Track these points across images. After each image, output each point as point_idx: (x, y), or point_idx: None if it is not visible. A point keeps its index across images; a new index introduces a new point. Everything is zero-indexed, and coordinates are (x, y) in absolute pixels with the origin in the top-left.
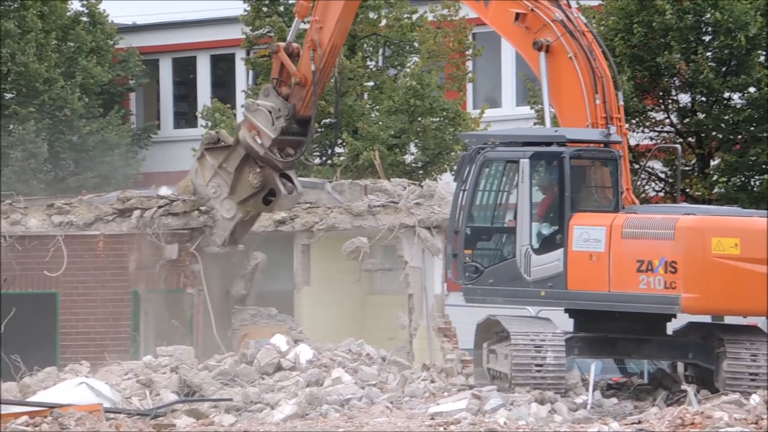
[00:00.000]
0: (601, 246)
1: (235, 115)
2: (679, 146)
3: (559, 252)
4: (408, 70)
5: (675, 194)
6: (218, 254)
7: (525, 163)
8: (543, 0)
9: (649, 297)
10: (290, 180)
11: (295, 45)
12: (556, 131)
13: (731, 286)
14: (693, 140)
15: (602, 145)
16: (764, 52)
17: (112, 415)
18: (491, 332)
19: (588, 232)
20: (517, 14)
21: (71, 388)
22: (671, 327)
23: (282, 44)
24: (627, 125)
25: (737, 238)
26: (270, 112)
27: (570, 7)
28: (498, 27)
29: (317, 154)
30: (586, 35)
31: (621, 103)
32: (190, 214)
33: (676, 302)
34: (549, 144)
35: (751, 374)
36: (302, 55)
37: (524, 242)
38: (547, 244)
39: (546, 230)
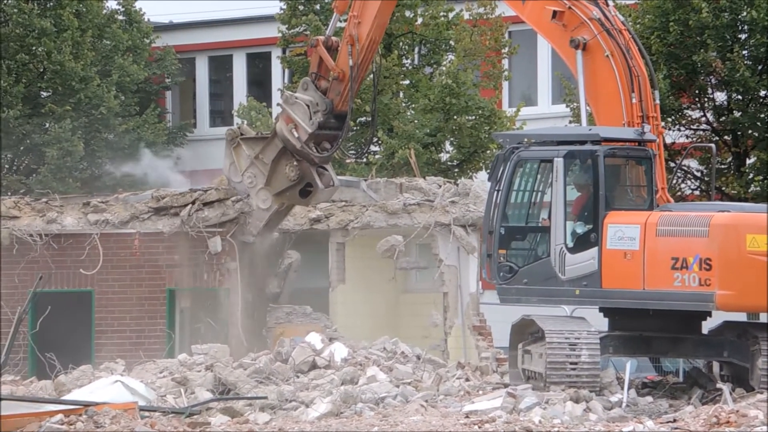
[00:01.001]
0: (635, 244)
1: (271, 113)
2: (714, 145)
3: (594, 250)
4: (444, 68)
5: (710, 192)
6: (253, 245)
7: (559, 162)
8: None
9: (683, 294)
10: (327, 173)
11: (334, 39)
12: (590, 130)
13: (765, 282)
14: (729, 138)
15: (636, 143)
16: None
17: (147, 414)
18: (526, 333)
19: (622, 230)
20: (555, 12)
21: (106, 387)
22: (707, 326)
23: (321, 38)
24: (663, 123)
25: None
26: (308, 106)
27: (607, 5)
28: (535, 24)
29: (353, 152)
30: (623, 33)
31: (657, 101)
32: (224, 203)
33: (710, 299)
34: (583, 143)
35: None
36: (340, 50)
37: (559, 241)
38: (581, 243)
39: (580, 229)
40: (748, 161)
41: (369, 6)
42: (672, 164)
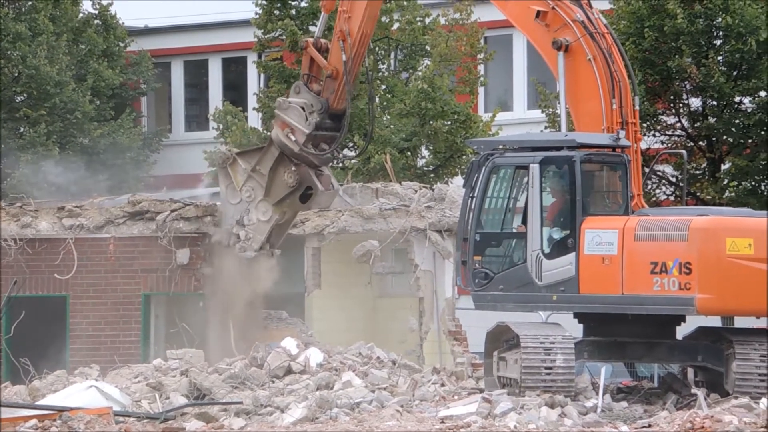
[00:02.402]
0: (613, 249)
1: (246, 118)
2: (684, 151)
3: (571, 256)
4: (420, 73)
5: (682, 198)
6: (250, 259)
7: (535, 168)
8: None
9: (663, 298)
10: (326, 175)
11: (323, 41)
12: (566, 135)
13: (746, 286)
14: (704, 144)
15: (611, 149)
16: None
17: (121, 419)
18: (501, 340)
19: (600, 235)
20: (538, 12)
21: (81, 392)
22: (681, 332)
23: (310, 39)
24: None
25: (751, 239)
26: (303, 109)
27: (591, 8)
28: (518, 23)
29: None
30: (606, 37)
31: (637, 107)
32: (201, 219)
33: (691, 303)
34: (559, 148)
35: (760, 375)
36: (332, 47)
37: (535, 247)
38: (558, 249)
39: (557, 235)
40: (723, 167)
41: (358, 1)
42: (647, 170)
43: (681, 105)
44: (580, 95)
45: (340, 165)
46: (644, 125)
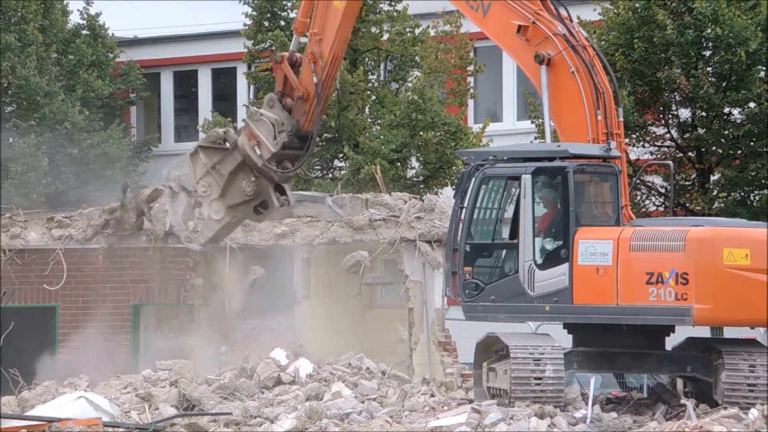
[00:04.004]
0: (608, 259)
1: (236, 128)
2: (671, 162)
3: (564, 267)
4: (410, 84)
5: (670, 209)
6: (202, 253)
7: (527, 179)
8: (544, 13)
9: (659, 309)
10: (284, 192)
11: (298, 55)
12: (558, 146)
13: (743, 296)
14: (693, 155)
15: (602, 160)
16: (764, 68)
17: (110, 429)
18: (490, 351)
19: (594, 246)
20: (519, 27)
21: (70, 402)
22: (671, 343)
23: (286, 54)
24: (627, 140)
25: (747, 249)
26: (273, 125)
27: (571, 21)
28: (498, 39)
29: (318, 167)
30: (588, 50)
31: (621, 118)
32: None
33: (688, 313)
34: (551, 159)
35: (749, 385)
36: (303, 69)
37: (527, 258)
38: (551, 259)
39: (549, 245)
40: (713, 178)
41: (330, 22)
42: (638, 181)
43: (670, 116)
44: (564, 108)
45: (330, 176)
46: (634, 136)
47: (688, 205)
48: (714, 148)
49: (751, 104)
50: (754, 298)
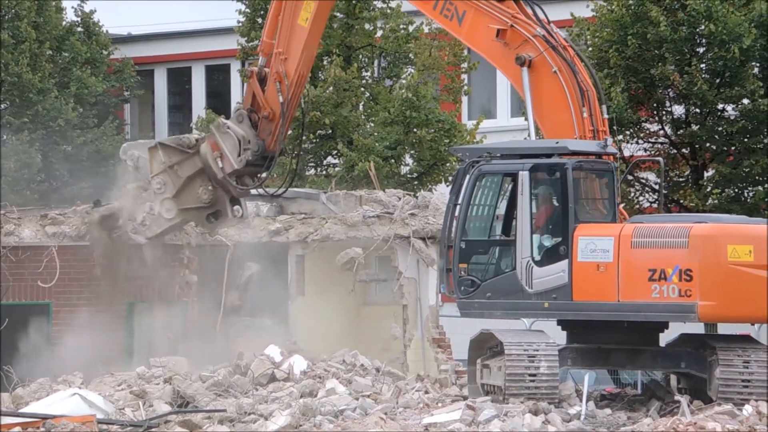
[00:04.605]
0: (608, 256)
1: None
2: (661, 159)
3: (564, 263)
4: (404, 81)
5: (661, 205)
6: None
7: (524, 175)
8: (521, 15)
9: (662, 306)
10: (239, 204)
11: (266, 70)
12: (557, 143)
13: (746, 293)
14: (687, 151)
15: (598, 156)
16: (758, 64)
17: (105, 426)
18: (484, 348)
19: (594, 242)
20: (498, 31)
21: (64, 399)
22: (664, 339)
23: (255, 69)
24: (621, 136)
25: (751, 245)
26: (239, 141)
27: (549, 22)
28: (474, 44)
29: (312, 164)
30: (568, 50)
31: (606, 116)
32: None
33: (692, 310)
34: (549, 156)
35: (743, 381)
36: (268, 89)
37: (525, 254)
38: (549, 256)
39: (548, 242)
40: (706, 174)
41: (294, 41)
42: (630, 177)
43: (664, 112)
44: (548, 108)
45: (324, 173)
46: (627, 133)
47: (682, 201)
48: (708, 144)
49: (745, 101)
50: (757, 295)
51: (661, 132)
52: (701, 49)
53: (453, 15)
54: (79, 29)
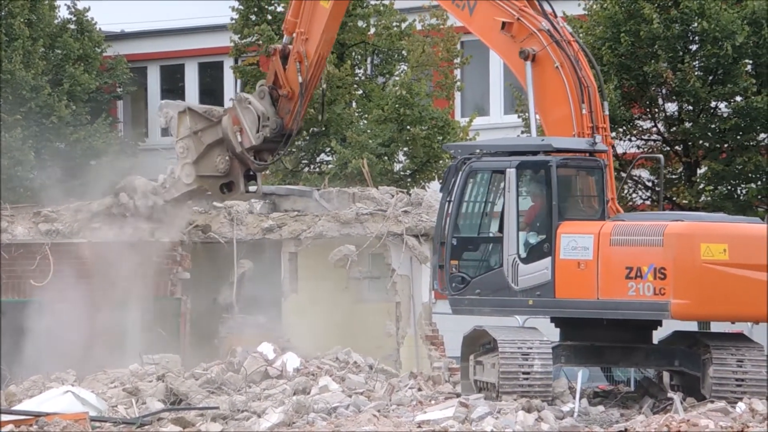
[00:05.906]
0: (589, 254)
1: None
2: (662, 156)
3: (547, 260)
4: (397, 78)
5: (659, 202)
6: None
7: (511, 173)
8: (528, 9)
9: (638, 304)
10: (254, 180)
11: (290, 47)
12: (542, 140)
13: (720, 291)
14: (680, 149)
15: (588, 154)
16: (751, 61)
17: (98, 424)
18: (477, 344)
19: (576, 240)
20: (504, 23)
21: (57, 397)
22: (658, 336)
23: (279, 47)
24: (614, 134)
25: (725, 244)
26: (259, 117)
27: (555, 16)
28: (483, 36)
29: (305, 161)
30: (572, 45)
31: (606, 113)
32: None
33: (665, 308)
34: (535, 153)
35: (737, 379)
36: (288, 68)
37: (511, 251)
38: (534, 253)
39: (533, 239)
40: (699, 171)
41: (316, 22)
42: (623, 174)
43: (657, 110)
44: (550, 103)
45: (317, 170)
46: (620, 130)
47: (675, 198)
48: (700, 141)
49: (738, 98)
50: (731, 293)
51: (654, 129)
52: (694, 47)
53: (465, 5)
54: (72, 26)
